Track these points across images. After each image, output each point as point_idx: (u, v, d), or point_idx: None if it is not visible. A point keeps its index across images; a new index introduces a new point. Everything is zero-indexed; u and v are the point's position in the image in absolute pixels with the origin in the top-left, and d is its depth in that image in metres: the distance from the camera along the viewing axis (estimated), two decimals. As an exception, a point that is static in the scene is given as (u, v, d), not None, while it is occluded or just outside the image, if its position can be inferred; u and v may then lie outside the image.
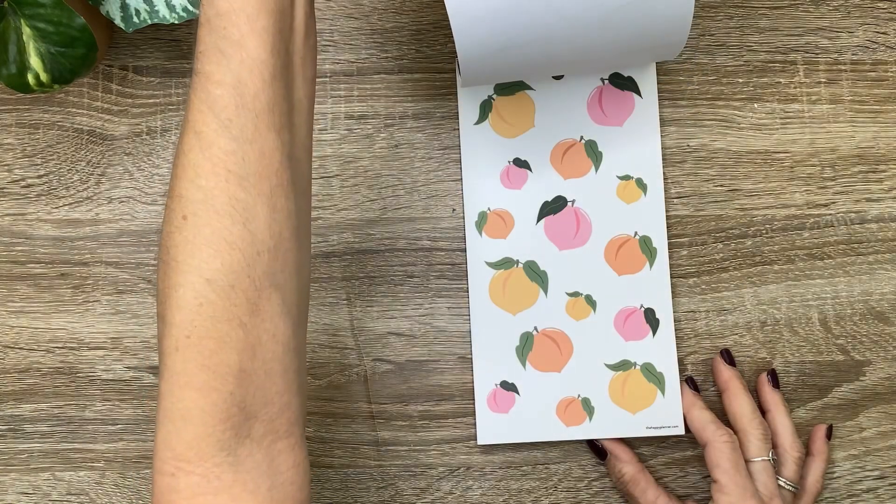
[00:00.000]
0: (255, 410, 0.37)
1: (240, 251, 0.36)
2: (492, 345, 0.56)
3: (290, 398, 0.38)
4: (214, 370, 0.36)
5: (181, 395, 0.36)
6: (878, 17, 0.58)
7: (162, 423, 0.37)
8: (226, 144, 0.37)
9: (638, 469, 0.55)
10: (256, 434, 0.37)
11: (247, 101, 0.37)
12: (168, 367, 0.37)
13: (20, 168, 0.57)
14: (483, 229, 0.56)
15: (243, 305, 0.36)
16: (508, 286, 0.56)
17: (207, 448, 0.36)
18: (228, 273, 0.36)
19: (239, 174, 0.37)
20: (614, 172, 0.56)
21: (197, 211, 0.37)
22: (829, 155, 0.58)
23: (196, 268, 0.36)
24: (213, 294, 0.36)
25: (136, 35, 0.57)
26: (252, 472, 0.37)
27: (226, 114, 0.37)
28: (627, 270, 0.56)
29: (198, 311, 0.36)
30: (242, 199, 0.37)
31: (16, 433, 0.56)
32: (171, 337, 0.37)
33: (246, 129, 0.37)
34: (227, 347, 0.36)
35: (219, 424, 0.36)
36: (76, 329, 0.57)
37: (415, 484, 0.56)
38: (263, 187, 0.37)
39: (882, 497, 0.57)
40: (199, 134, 0.37)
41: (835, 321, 0.57)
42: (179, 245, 0.37)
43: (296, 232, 0.39)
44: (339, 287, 0.57)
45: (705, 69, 0.58)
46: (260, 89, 0.37)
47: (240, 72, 0.37)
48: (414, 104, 0.58)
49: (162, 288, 0.38)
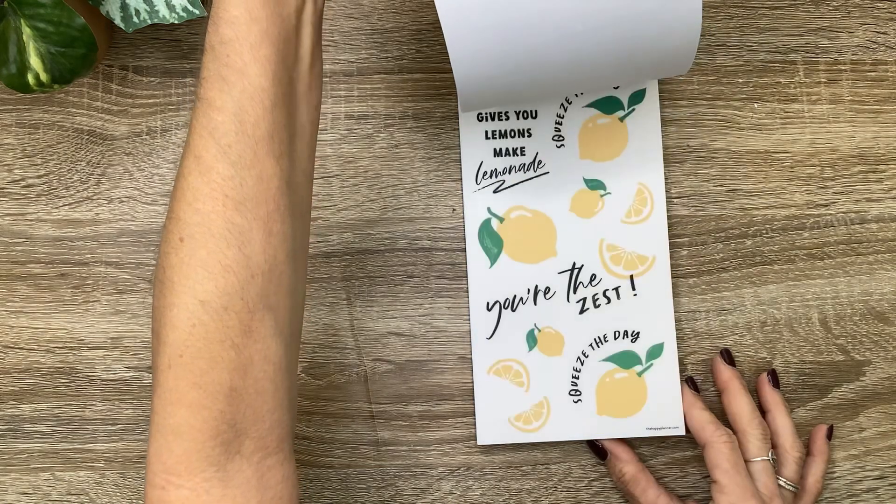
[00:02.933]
0: (246, 427, 0.38)
1: (234, 274, 0.37)
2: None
3: (280, 415, 0.39)
4: (205, 389, 0.37)
5: (172, 412, 0.37)
6: (878, 17, 0.58)
7: (154, 437, 0.38)
8: (224, 170, 0.37)
9: (638, 469, 0.55)
10: (246, 451, 0.38)
11: (247, 128, 0.38)
12: (160, 383, 0.38)
13: (20, 168, 0.57)
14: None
15: (236, 327, 0.37)
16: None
17: (197, 463, 0.37)
18: (222, 295, 0.37)
19: (236, 199, 0.37)
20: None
21: (193, 234, 0.37)
22: (829, 155, 0.58)
23: (190, 289, 0.37)
24: (207, 316, 0.37)
25: (136, 35, 0.57)
26: (241, 487, 0.38)
27: (226, 140, 0.37)
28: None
29: (191, 331, 0.37)
30: (238, 224, 0.37)
31: (16, 433, 0.56)
32: (164, 355, 0.37)
33: (245, 155, 0.38)
34: (218, 367, 0.37)
35: (208, 441, 0.37)
36: (76, 329, 0.57)
37: (415, 484, 0.56)
38: (260, 212, 0.38)
39: (882, 497, 0.57)
40: (199, 158, 0.38)
41: (835, 321, 0.57)
42: (175, 266, 0.37)
43: (291, 255, 0.39)
44: (339, 287, 0.57)
45: (705, 69, 0.58)
46: (260, 117, 0.38)
47: (241, 99, 0.38)
48: (414, 104, 0.58)
49: (157, 306, 0.38)
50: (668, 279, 0.56)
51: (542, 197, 0.56)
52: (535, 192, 0.56)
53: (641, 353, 0.56)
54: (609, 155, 0.57)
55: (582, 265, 0.56)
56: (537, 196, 0.56)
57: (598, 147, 0.57)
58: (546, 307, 0.56)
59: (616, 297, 0.56)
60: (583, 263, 0.56)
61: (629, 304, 0.56)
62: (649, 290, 0.56)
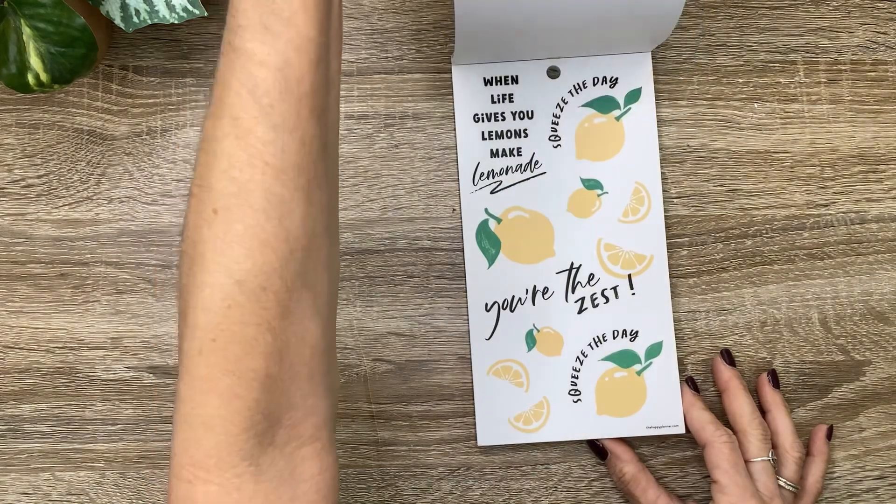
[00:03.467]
0: (279, 416, 0.35)
1: (273, 250, 0.34)
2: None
3: (315, 402, 0.36)
4: (240, 376, 0.34)
5: (203, 401, 0.34)
6: (878, 17, 0.58)
7: (181, 428, 0.35)
8: (265, 133, 0.34)
9: (639, 468, 0.55)
10: (280, 440, 0.35)
11: (291, 86, 0.34)
12: (189, 370, 0.35)
13: (20, 168, 0.57)
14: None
15: (274, 308, 0.34)
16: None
17: (229, 457, 0.34)
18: (260, 274, 0.34)
19: (277, 167, 0.34)
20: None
21: (229, 205, 0.34)
22: (829, 155, 0.58)
23: (226, 267, 0.34)
24: (243, 297, 0.34)
25: (136, 35, 0.57)
26: (274, 480, 0.35)
27: (268, 99, 0.34)
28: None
29: (225, 313, 0.34)
30: (279, 194, 0.34)
31: (16, 433, 0.56)
32: (194, 339, 0.34)
33: (288, 116, 0.34)
34: (254, 353, 0.34)
35: (241, 434, 0.34)
36: (76, 329, 0.57)
37: (415, 484, 0.56)
38: (301, 181, 0.34)
39: (882, 497, 0.57)
40: (237, 120, 0.34)
41: (835, 321, 0.57)
42: (208, 241, 0.34)
43: (328, 226, 0.36)
44: (340, 287, 0.57)
45: (705, 69, 0.58)
46: (306, 72, 0.34)
47: (287, 52, 0.34)
48: (414, 104, 0.58)
49: (186, 284, 0.35)
50: (666, 278, 0.56)
51: (540, 197, 0.56)
52: (533, 193, 0.56)
53: (640, 352, 0.56)
54: (606, 154, 0.57)
55: (580, 265, 0.56)
56: (534, 196, 0.56)
57: (595, 147, 0.57)
58: (544, 307, 0.56)
59: (614, 297, 0.56)
60: (581, 263, 0.56)
61: (627, 304, 0.56)
62: (647, 289, 0.56)
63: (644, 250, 0.56)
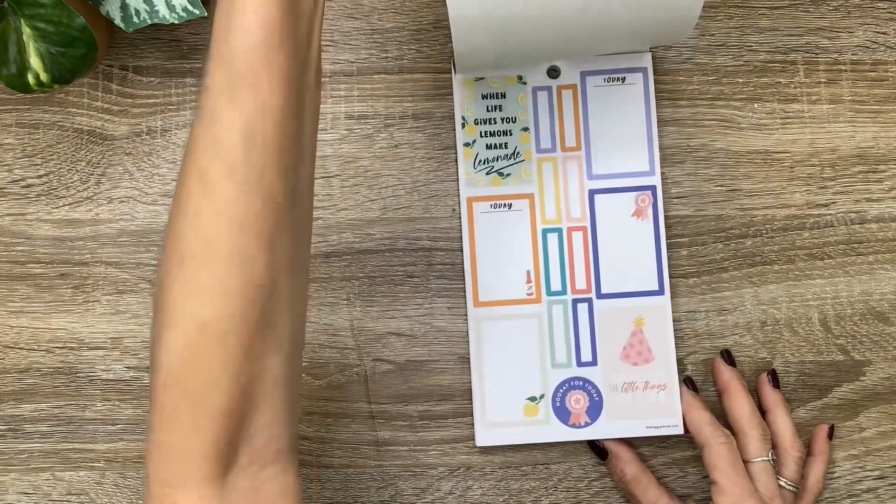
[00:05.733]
0: (242, 443, 0.37)
1: (237, 298, 0.35)
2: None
3: (278, 430, 0.38)
4: (202, 410, 0.36)
5: (168, 429, 0.37)
6: (878, 17, 0.58)
7: (151, 451, 0.37)
8: (229, 191, 0.35)
9: (640, 469, 0.55)
10: (243, 462, 0.37)
11: (255, 147, 0.35)
12: (156, 399, 0.37)
13: (20, 168, 0.57)
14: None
15: (236, 351, 0.36)
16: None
17: (192, 482, 0.36)
18: (223, 319, 0.35)
19: (241, 222, 0.35)
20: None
21: (195, 255, 0.36)
22: (829, 155, 0.58)
23: (191, 314, 0.36)
24: (206, 340, 0.36)
25: (136, 35, 0.57)
26: (239, 502, 0.37)
27: (231, 158, 0.35)
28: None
29: (189, 355, 0.36)
30: (243, 247, 0.35)
31: (16, 433, 0.56)
32: (160, 373, 0.37)
33: (251, 176, 0.35)
34: (216, 391, 0.36)
35: (204, 462, 0.36)
36: (76, 329, 0.57)
37: (415, 484, 0.56)
38: (265, 233, 0.36)
39: (882, 497, 0.57)
40: (202, 177, 0.35)
41: (835, 321, 0.57)
42: (175, 287, 0.36)
43: (293, 268, 0.38)
44: (339, 287, 0.57)
45: (705, 69, 0.58)
46: (270, 133, 0.35)
47: (251, 116, 0.35)
48: (414, 104, 0.58)
49: (156, 324, 0.37)
50: (666, 278, 0.56)
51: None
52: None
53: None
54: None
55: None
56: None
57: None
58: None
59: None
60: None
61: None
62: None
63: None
